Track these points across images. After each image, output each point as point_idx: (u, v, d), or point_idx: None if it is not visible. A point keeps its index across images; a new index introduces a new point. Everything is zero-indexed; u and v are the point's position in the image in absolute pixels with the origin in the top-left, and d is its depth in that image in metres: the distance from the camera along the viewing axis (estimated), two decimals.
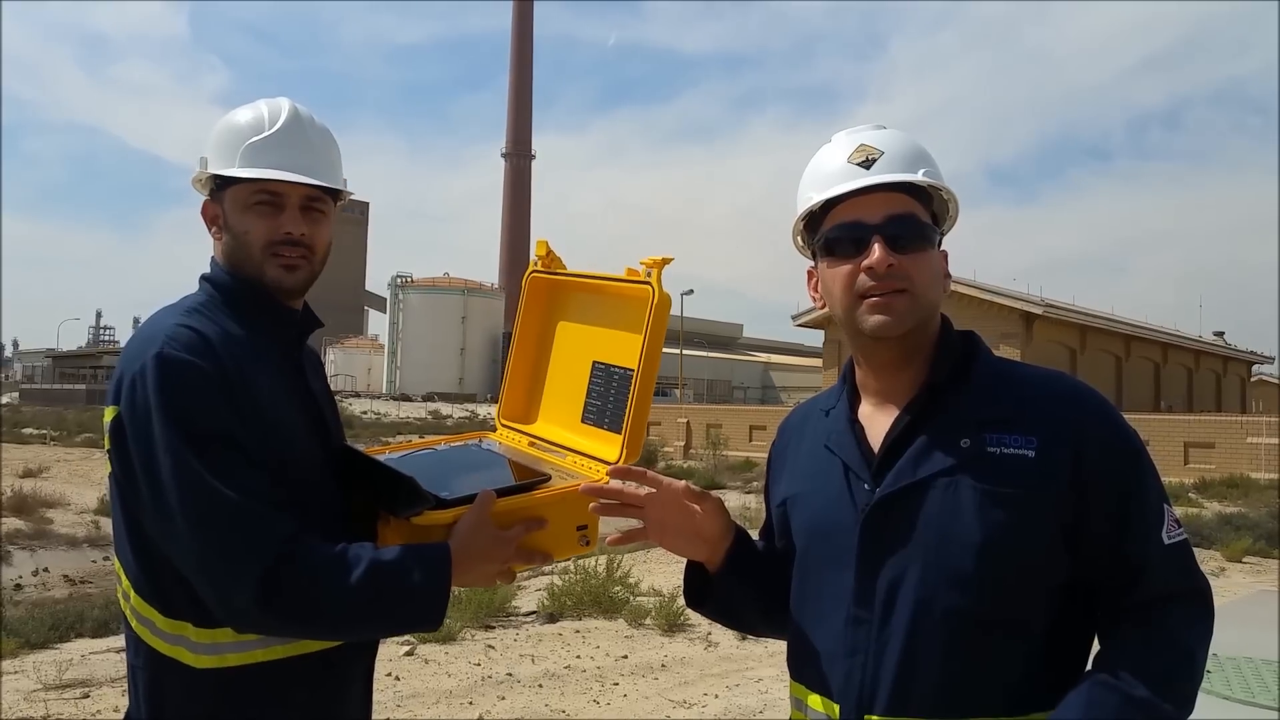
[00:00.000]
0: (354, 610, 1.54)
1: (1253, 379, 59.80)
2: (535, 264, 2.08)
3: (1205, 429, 27.33)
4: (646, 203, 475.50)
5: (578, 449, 1.91)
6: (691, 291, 53.05)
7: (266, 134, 1.72)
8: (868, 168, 1.51)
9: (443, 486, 1.67)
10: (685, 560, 1.73)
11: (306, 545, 1.54)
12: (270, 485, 1.57)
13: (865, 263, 1.47)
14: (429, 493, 1.61)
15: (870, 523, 1.46)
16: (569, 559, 7.82)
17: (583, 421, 1.97)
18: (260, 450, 1.59)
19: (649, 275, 1.78)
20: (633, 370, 1.82)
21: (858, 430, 1.56)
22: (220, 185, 1.74)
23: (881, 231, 1.47)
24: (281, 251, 1.72)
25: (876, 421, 1.55)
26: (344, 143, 1.82)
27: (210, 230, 1.78)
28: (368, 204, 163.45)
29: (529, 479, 1.78)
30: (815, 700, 1.51)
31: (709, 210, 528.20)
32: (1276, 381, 65.13)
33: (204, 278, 1.78)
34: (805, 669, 1.54)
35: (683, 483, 1.65)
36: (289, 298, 1.78)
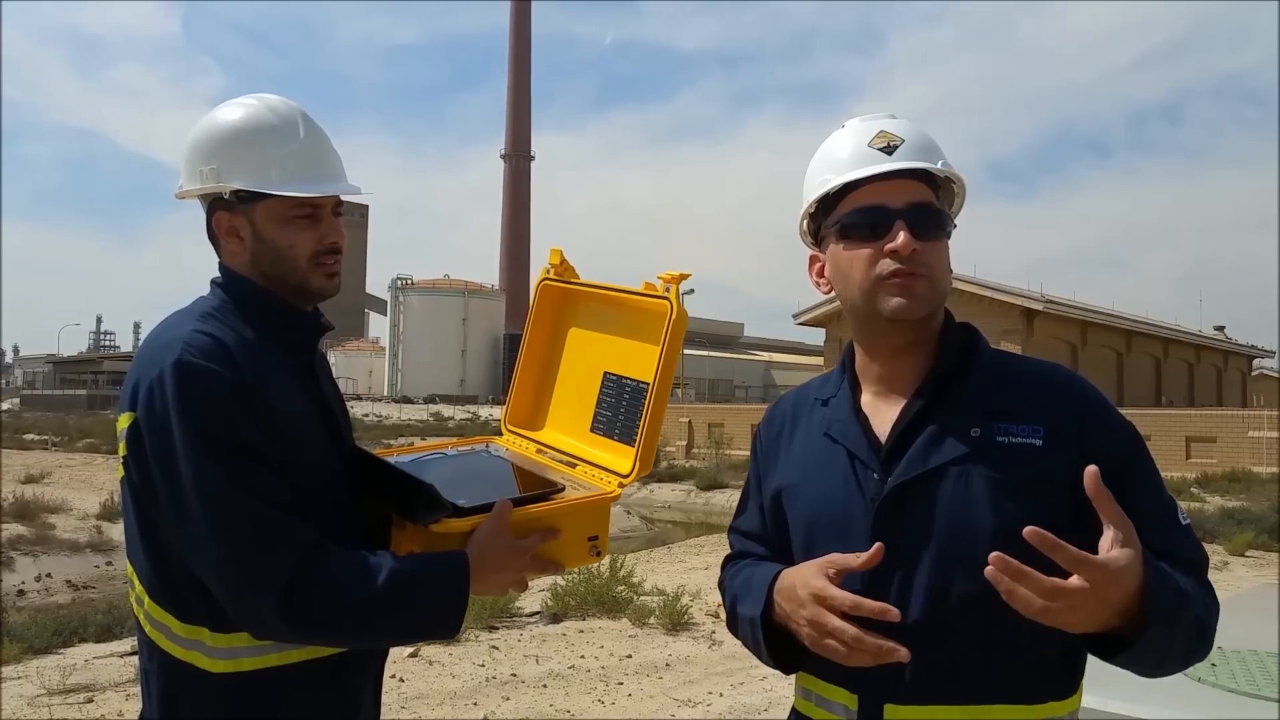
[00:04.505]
0: (373, 619, 1.54)
1: (1253, 373, 59.70)
2: (548, 271, 2.08)
3: (1206, 423, 27.25)
4: (645, 201, 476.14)
5: (588, 459, 1.90)
6: (692, 291, 52.85)
7: (297, 145, 1.70)
8: (890, 154, 1.51)
9: (455, 493, 1.65)
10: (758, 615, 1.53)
11: (326, 553, 1.53)
12: (289, 492, 1.57)
13: (890, 246, 1.47)
14: (447, 500, 1.60)
15: (883, 512, 1.46)
16: (579, 568, 7.81)
17: (592, 431, 1.96)
18: (278, 457, 1.59)
19: (667, 290, 1.78)
20: (646, 383, 1.82)
21: (863, 419, 1.56)
22: (245, 198, 1.69)
23: (904, 217, 1.48)
24: (325, 260, 1.74)
25: (880, 410, 1.56)
26: (341, 144, 1.82)
27: (227, 241, 1.73)
28: (367, 206, 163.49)
29: (544, 488, 1.76)
30: (830, 690, 1.50)
31: (708, 208, 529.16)
32: (1277, 375, 65.05)
33: (215, 282, 1.76)
34: (818, 660, 1.50)
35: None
36: (319, 302, 1.79)
